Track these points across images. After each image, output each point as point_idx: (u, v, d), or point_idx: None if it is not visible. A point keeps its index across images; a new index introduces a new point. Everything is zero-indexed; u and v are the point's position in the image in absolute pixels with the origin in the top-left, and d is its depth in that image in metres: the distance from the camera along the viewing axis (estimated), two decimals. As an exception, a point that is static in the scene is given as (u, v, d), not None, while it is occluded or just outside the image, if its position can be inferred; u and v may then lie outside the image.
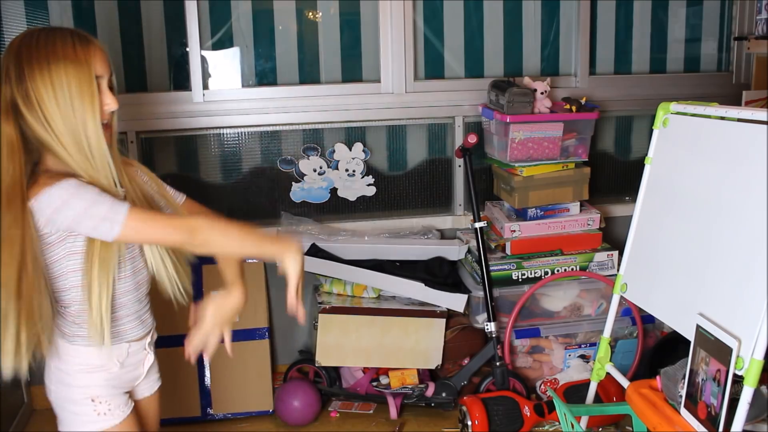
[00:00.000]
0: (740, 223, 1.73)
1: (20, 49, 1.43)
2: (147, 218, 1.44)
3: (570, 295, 2.98)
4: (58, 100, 1.41)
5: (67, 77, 1.41)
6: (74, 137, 1.43)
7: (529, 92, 2.86)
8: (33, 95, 1.40)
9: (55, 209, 1.40)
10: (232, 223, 1.50)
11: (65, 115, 1.42)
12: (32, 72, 1.40)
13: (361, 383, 2.89)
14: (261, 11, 3.02)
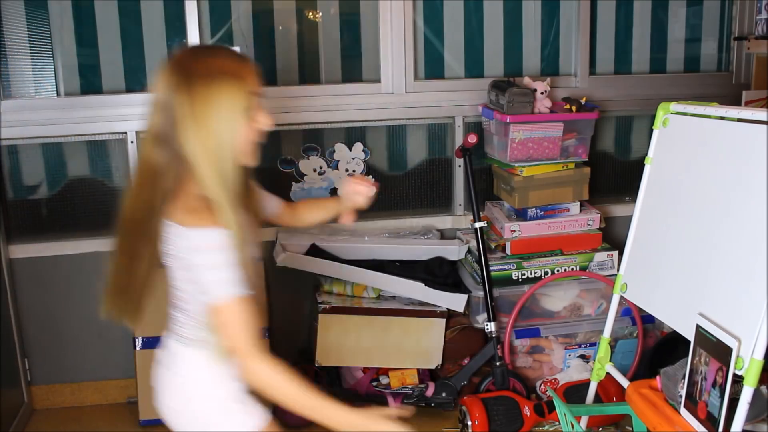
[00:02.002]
0: (740, 223, 1.73)
1: (181, 62, 1.42)
2: (236, 321, 1.41)
3: (570, 295, 2.98)
4: (220, 113, 1.39)
5: (228, 92, 1.39)
6: (221, 154, 1.40)
7: (529, 92, 2.86)
8: (194, 106, 1.38)
9: (193, 248, 1.41)
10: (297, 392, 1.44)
11: (222, 129, 1.39)
12: (192, 83, 1.38)
13: (361, 383, 2.89)
14: (261, 11, 3.02)
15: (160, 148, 1.43)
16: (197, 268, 1.42)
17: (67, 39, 2.93)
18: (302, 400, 1.44)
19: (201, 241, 1.39)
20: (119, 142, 2.97)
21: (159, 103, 1.43)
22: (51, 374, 3.01)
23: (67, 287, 2.98)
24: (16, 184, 2.97)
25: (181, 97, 1.38)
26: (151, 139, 1.44)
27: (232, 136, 1.41)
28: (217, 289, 1.40)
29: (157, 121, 1.43)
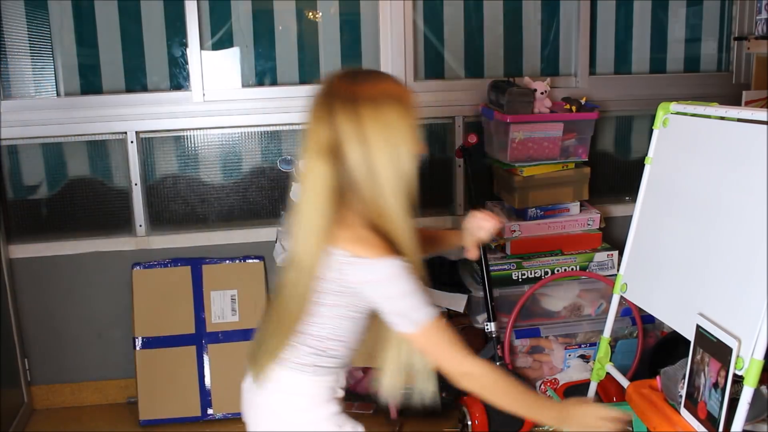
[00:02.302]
0: (740, 223, 1.73)
1: (345, 87, 1.39)
2: (439, 340, 1.40)
3: (570, 295, 2.97)
4: (388, 136, 1.37)
5: (397, 114, 1.38)
6: (394, 178, 1.40)
7: (529, 92, 2.86)
8: (363, 130, 1.35)
9: (370, 282, 1.37)
10: (511, 383, 1.43)
11: (391, 152, 1.38)
12: (362, 107, 1.35)
13: (361, 383, 2.89)
14: (261, 11, 3.02)
15: (326, 177, 1.37)
16: (382, 301, 1.39)
17: (67, 39, 2.93)
18: (518, 398, 1.44)
19: (383, 273, 1.37)
20: (119, 142, 2.97)
21: (323, 130, 1.38)
22: (51, 374, 3.01)
23: (67, 287, 2.98)
24: (16, 184, 2.97)
25: (350, 123, 1.35)
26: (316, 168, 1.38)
27: (407, 160, 1.42)
28: (411, 318, 1.38)
29: (322, 149, 1.37)
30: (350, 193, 1.39)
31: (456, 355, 1.41)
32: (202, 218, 3.08)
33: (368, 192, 1.38)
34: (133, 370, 2.90)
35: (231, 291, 2.97)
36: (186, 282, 2.95)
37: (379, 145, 1.36)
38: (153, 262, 2.96)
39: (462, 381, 1.42)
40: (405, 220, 1.42)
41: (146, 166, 3.00)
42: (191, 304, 2.94)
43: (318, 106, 1.41)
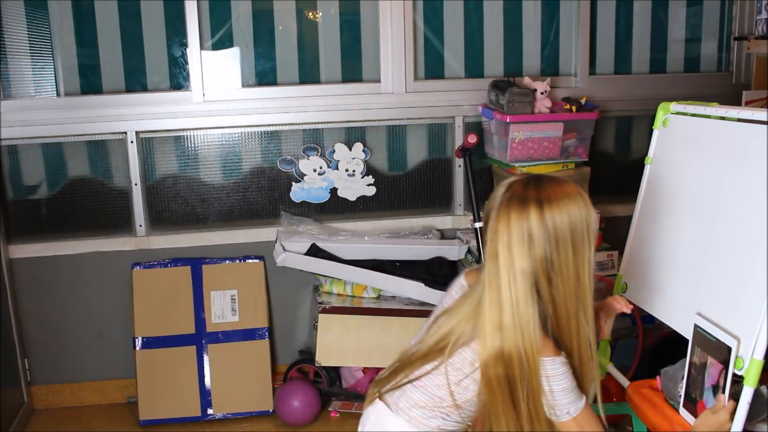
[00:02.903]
0: (740, 223, 1.73)
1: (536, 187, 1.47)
2: (592, 424, 1.55)
3: (570, 295, 2.97)
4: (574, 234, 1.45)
5: (583, 214, 1.46)
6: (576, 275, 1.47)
7: (529, 92, 2.86)
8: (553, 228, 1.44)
9: (546, 377, 1.48)
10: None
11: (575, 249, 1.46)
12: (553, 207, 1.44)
13: (361, 383, 2.89)
14: (261, 11, 3.02)
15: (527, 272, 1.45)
16: (547, 394, 1.50)
17: (67, 39, 2.93)
18: None
19: (554, 370, 1.48)
20: (119, 142, 2.97)
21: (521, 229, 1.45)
22: (51, 374, 3.01)
23: (67, 287, 2.98)
24: (16, 184, 2.97)
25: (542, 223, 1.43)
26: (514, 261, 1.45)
27: (588, 266, 1.48)
28: (567, 410, 1.52)
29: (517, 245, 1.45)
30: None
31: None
32: (202, 218, 3.08)
33: (545, 293, 1.47)
34: (133, 370, 2.90)
35: (231, 291, 2.97)
36: (186, 282, 2.95)
37: (565, 246, 1.45)
38: (153, 262, 2.96)
39: None
40: (575, 325, 1.51)
41: (146, 166, 3.00)
42: (191, 304, 2.94)
43: (508, 205, 1.47)
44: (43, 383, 3.02)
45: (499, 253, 1.46)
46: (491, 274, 1.48)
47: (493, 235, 1.47)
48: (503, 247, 1.45)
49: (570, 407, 1.51)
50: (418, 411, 1.56)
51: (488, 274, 1.49)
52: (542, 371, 1.47)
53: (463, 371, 1.53)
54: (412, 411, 1.56)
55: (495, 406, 1.50)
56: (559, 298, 1.47)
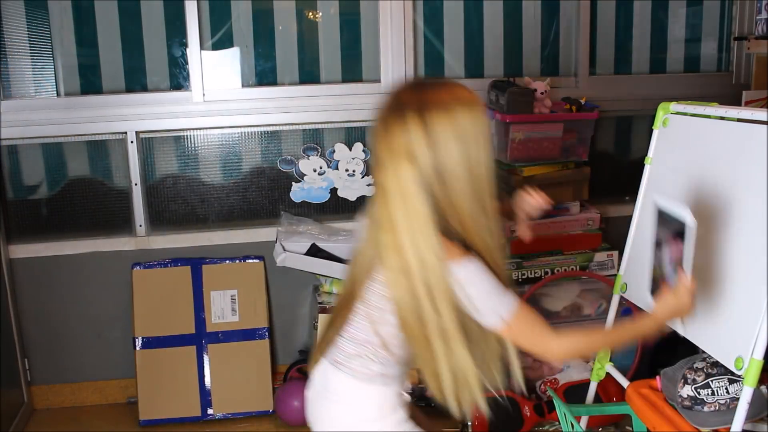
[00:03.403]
0: (740, 223, 1.73)
1: (417, 94, 1.39)
2: (526, 327, 1.46)
3: (570, 295, 2.97)
4: (460, 141, 1.36)
5: (469, 119, 1.38)
6: (471, 184, 1.39)
7: (529, 92, 2.86)
8: (435, 136, 1.35)
9: (457, 285, 1.39)
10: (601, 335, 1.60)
11: (465, 157, 1.37)
12: (433, 114, 1.36)
13: (361, 383, 2.89)
14: (261, 11, 3.02)
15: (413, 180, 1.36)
16: (468, 301, 1.40)
17: (67, 39, 2.93)
18: (613, 339, 1.60)
19: (466, 273, 1.38)
20: (119, 142, 2.97)
21: (396, 138, 1.37)
22: (51, 374, 3.01)
23: (67, 287, 2.98)
24: (16, 184, 2.97)
25: (421, 129, 1.35)
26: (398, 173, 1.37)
27: (480, 164, 1.39)
28: (497, 314, 1.42)
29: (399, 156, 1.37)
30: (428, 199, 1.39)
31: (544, 337, 1.47)
32: (202, 218, 3.08)
33: (442, 197, 1.38)
34: (133, 370, 2.90)
35: (231, 291, 2.97)
36: (186, 282, 2.95)
37: (450, 149, 1.36)
38: (153, 262, 2.96)
39: (553, 360, 1.51)
40: (481, 223, 1.41)
41: (146, 166, 3.00)
42: (191, 304, 2.94)
43: (388, 115, 1.40)
44: (43, 383, 3.02)
45: (383, 166, 1.39)
46: (381, 193, 1.40)
47: (377, 147, 1.40)
48: (387, 160, 1.38)
49: (498, 310, 1.41)
50: (355, 361, 1.51)
51: (378, 194, 1.42)
52: (452, 278, 1.38)
53: (378, 307, 1.47)
54: (350, 362, 1.51)
55: (408, 330, 1.43)
56: (458, 200, 1.38)
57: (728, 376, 1.80)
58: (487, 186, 1.41)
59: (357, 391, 1.52)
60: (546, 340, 1.46)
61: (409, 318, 1.42)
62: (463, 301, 1.40)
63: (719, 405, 1.79)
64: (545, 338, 1.46)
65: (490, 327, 1.43)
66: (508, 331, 1.44)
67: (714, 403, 1.79)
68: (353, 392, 1.52)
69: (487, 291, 1.40)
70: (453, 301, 1.39)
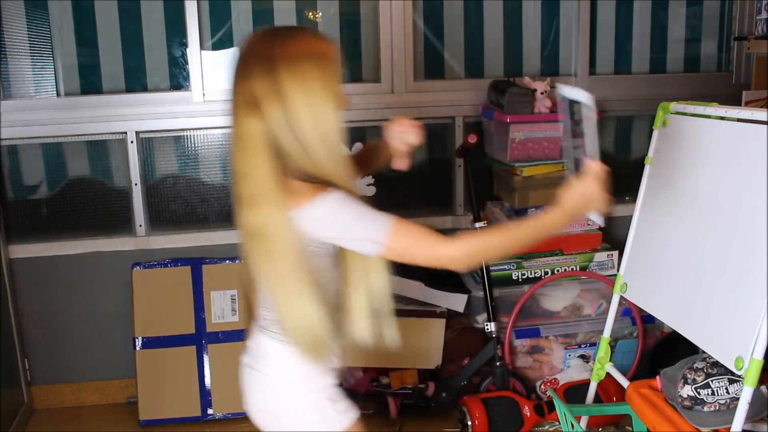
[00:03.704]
0: (740, 223, 1.73)
1: (264, 46, 1.38)
2: (410, 240, 1.39)
3: (570, 295, 2.97)
4: (309, 95, 1.37)
5: (317, 71, 1.37)
6: (319, 135, 1.39)
7: (528, 92, 2.86)
8: (280, 90, 1.34)
9: (318, 223, 1.37)
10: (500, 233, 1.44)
11: (314, 111, 1.38)
12: (280, 66, 1.34)
13: (361, 383, 2.89)
14: (261, 11, 3.02)
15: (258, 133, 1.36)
16: (339, 236, 1.39)
17: (67, 39, 2.93)
18: (516, 237, 1.45)
19: (326, 209, 1.36)
20: (119, 142, 2.97)
21: (243, 89, 1.37)
22: (51, 374, 3.01)
23: (67, 287, 2.98)
24: (16, 184, 2.97)
25: (268, 79, 1.34)
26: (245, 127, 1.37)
27: (328, 115, 1.40)
28: (372, 237, 1.37)
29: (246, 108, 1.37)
30: (276, 150, 1.38)
31: (433, 245, 1.40)
32: (202, 218, 3.08)
33: (292, 148, 1.38)
34: (133, 370, 2.90)
35: (231, 291, 2.97)
36: (186, 282, 2.95)
37: (297, 101, 1.36)
38: (153, 262, 2.96)
39: (454, 266, 1.41)
40: (334, 166, 1.41)
41: (146, 166, 3.00)
42: (191, 304, 2.94)
43: (238, 65, 1.41)
44: (43, 383, 3.02)
45: (233, 117, 1.39)
46: (232, 145, 1.41)
47: (230, 97, 1.40)
48: (236, 110, 1.39)
49: (371, 234, 1.37)
50: (275, 326, 1.51)
51: (232, 146, 1.41)
52: (307, 221, 1.36)
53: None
54: (271, 327, 1.52)
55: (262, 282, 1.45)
56: (309, 148, 1.38)
57: (728, 376, 1.80)
58: (336, 133, 1.43)
59: (282, 353, 1.51)
60: (437, 248, 1.40)
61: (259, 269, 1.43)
62: (335, 237, 1.39)
63: (719, 405, 1.79)
64: (435, 246, 1.40)
65: (371, 254, 1.40)
66: (390, 251, 1.39)
67: (714, 403, 1.79)
68: (279, 354, 1.51)
69: (353, 218, 1.37)
70: (298, 251, 1.38)
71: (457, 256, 1.40)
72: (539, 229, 1.46)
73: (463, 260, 1.41)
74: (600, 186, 1.48)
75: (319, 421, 1.52)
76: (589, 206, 1.48)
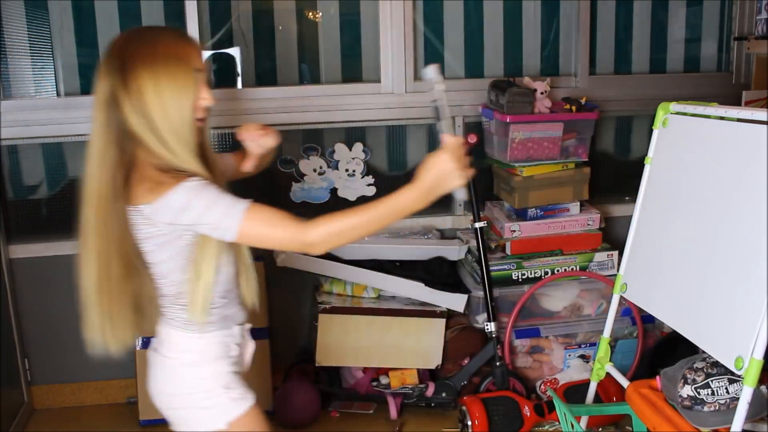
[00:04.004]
0: (740, 223, 1.73)
1: (125, 45, 1.47)
2: (265, 224, 1.45)
3: (570, 295, 2.98)
4: (161, 92, 1.43)
5: (168, 70, 1.44)
6: (172, 130, 1.45)
7: (529, 92, 2.86)
8: (134, 88, 1.43)
9: (180, 209, 1.43)
10: (355, 214, 1.46)
11: (165, 107, 1.44)
12: (135, 66, 1.43)
13: (361, 383, 2.89)
14: (261, 11, 3.02)
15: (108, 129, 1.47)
16: (196, 222, 1.44)
17: (67, 39, 2.93)
18: (374, 217, 1.46)
19: (181, 198, 1.42)
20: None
21: (101, 87, 1.49)
22: (51, 374, 3.01)
23: (67, 287, 2.95)
24: (16, 184, 2.97)
25: (124, 77, 1.44)
26: (101, 127, 1.48)
27: (175, 113, 1.45)
28: (226, 221, 1.43)
29: (103, 104, 1.48)
30: (133, 145, 1.47)
31: (289, 230, 1.44)
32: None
33: (149, 141, 1.45)
34: (133, 370, 2.90)
35: (231, 291, 2.97)
36: (186, 282, 2.95)
37: (150, 97, 1.43)
38: (153, 262, 2.96)
39: (311, 250, 1.45)
40: (187, 156, 1.47)
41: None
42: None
43: (101, 64, 1.50)
44: (43, 383, 3.02)
45: (93, 115, 1.50)
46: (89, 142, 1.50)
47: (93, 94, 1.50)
48: (94, 106, 1.50)
49: (225, 220, 1.42)
50: (169, 313, 1.60)
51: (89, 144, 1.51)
52: (168, 209, 1.43)
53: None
54: (168, 313, 1.60)
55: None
56: (165, 141, 1.45)
57: (728, 376, 1.80)
58: (187, 127, 1.47)
59: (179, 339, 1.59)
60: (292, 232, 1.43)
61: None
62: (194, 225, 1.44)
63: (719, 405, 1.79)
64: (291, 229, 1.44)
65: (228, 239, 1.45)
66: (245, 236, 1.44)
67: (714, 403, 1.79)
68: (176, 340, 1.59)
69: (208, 205, 1.42)
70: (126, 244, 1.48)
71: (313, 240, 1.44)
72: (395, 208, 1.47)
73: (319, 244, 1.44)
74: (455, 160, 1.46)
75: (211, 407, 1.58)
76: (446, 182, 1.48)
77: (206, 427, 1.57)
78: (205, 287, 1.52)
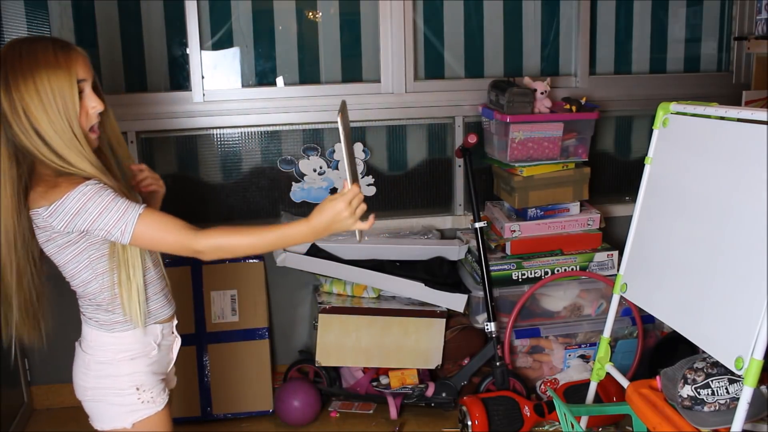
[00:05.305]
0: (740, 223, 1.73)
1: (4, 60, 1.48)
2: (156, 229, 1.50)
3: (570, 295, 2.98)
4: (45, 106, 1.46)
5: (50, 84, 1.47)
6: (63, 142, 1.48)
7: (529, 92, 2.86)
8: (19, 105, 1.45)
9: (73, 214, 1.47)
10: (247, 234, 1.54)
11: (52, 120, 1.47)
12: (17, 82, 1.46)
13: (361, 383, 2.89)
14: (261, 11, 3.02)
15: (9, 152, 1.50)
16: (91, 226, 1.48)
17: (67, 39, 2.91)
18: (263, 240, 1.53)
19: (77, 201, 1.46)
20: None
21: None
22: (51, 374, 3.01)
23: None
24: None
25: (7, 95, 1.46)
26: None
27: (63, 125, 1.47)
28: (120, 226, 1.48)
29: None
30: (30, 157, 1.50)
31: (180, 237, 1.50)
32: (202, 218, 3.08)
33: (42, 156, 1.48)
34: (133, 370, 2.90)
35: (231, 291, 2.97)
36: (186, 282, 2.95)
37: (33, 106, 1.45)
38: (153, 262, 2.96)
39: (198, 257, 1.52)
40: (77, 160, 1.50)
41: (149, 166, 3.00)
42: (191, 304, 2.94)
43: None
44: (43, 383, 3.02)
45: None
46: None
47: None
48: None
49: (118, 225, 1.47)
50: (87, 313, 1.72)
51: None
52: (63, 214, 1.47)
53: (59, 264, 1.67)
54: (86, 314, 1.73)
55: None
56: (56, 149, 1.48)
57: (728, 376, 1.80)
58: (71, 132, 1.49)
59: (96, 337, 1.68)
60: (183, 238, 1.50)
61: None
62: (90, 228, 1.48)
63: (719, 405, 1.79)
64: (182, 236, 1.50)
65: (122, 242, 1.51)
66: (138, 240, 1.50)
67: (714, 403, 1.79)
68: (93, 338, 1.69)
69: (101, 210, 1.47)
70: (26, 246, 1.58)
71: (201, 249, 1.50)
72: (284, 239, 1.54)
73: (206, 253, 1.51)
74: (349, 209, 1.49)
75: (119, 404, 1.65)
76: (337, 226, 1.51)
77: (113, 422, 1.65)
78: (136, 288, 1.60)
